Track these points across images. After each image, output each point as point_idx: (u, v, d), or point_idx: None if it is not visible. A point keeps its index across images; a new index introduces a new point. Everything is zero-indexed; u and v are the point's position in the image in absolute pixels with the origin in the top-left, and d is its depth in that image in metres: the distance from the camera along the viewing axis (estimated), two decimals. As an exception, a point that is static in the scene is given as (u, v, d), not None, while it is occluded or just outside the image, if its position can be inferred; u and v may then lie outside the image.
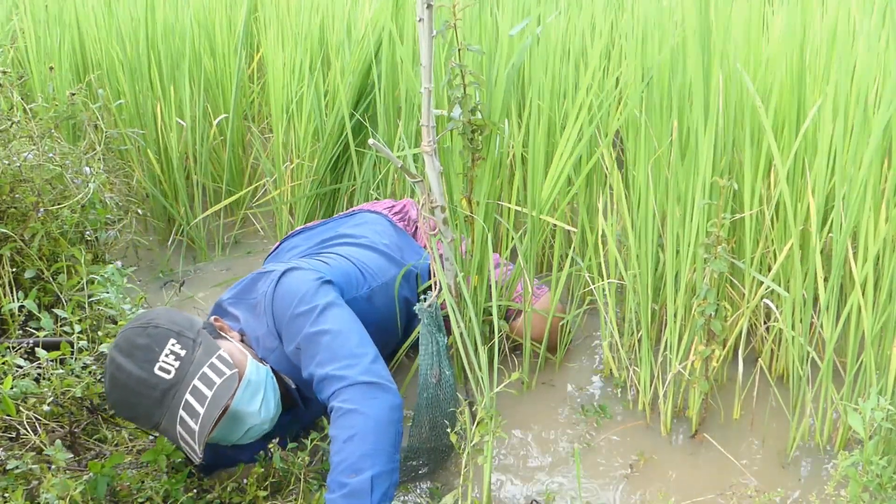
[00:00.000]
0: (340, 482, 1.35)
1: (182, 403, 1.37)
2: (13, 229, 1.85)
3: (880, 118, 1.48)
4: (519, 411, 1.86)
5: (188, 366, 1.39)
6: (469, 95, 1.63)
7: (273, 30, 2.58)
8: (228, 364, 1.42)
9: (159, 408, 1.38)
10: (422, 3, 1.46)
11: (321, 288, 1.56)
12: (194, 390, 1.37)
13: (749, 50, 1.72)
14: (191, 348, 1.41)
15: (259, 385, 1.49)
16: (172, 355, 1.39)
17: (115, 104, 2.66)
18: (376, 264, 1.80)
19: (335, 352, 1.47)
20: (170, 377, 1.37)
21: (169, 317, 1.45)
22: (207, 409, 1.36)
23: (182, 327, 1.43)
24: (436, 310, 1.59)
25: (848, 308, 1.58)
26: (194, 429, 1.36)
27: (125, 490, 1.47)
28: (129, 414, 1.42)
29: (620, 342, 1.89)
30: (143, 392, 1.37)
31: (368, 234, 1.91)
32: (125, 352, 1.39)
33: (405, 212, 2.06)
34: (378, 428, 1.39)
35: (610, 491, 1.61)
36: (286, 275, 1.58)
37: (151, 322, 1.42)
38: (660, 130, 1.70)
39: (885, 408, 1.30)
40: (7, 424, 1.49)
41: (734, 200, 1.75)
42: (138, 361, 1.38)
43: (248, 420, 1.47)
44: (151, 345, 1.39)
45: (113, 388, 1.40)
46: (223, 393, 1.38)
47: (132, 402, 1.39)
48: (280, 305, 1.54)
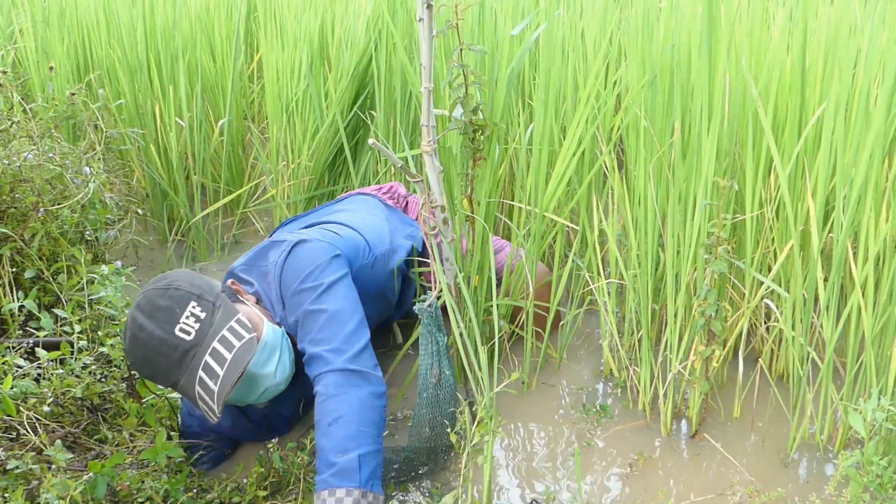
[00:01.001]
0: (329, 461, 1.39)
1: (202, 364, 1.40)
2: (13, 229, 1.85)
3: (880, 118, 1.48)
4: (519, 411, 1.86)
5: (208, 328, 1.42)
6: (471, 95, 1.63)
7: (270, 30, 2.58)
8: (247, 327, 1.45)
9: (178, 367, 1.41)
10: (422, 3, 1.45)
11: (331, 264, 1.59)
12: (214, 352, 1.41)
13: (752, 50, 1.72)
14: (210, 311, 1.44)
15: (275, 347, 1.53)
16: (193, 317, 1.42)
17: (115, 104, 2.66)
18: (376, 233, 1.83)
19: (329, 333, 1.50)
20: (190, 338, 1.41)
21: (189, 279, 1.48)
22: (227, 372, 1.40)
23: (202, 290, 1.47)
24: (436, 310, 1.59)
25: (848, 308, 1.58)
26: (214, 389, 1.40)
27: (125, 490, 1.47)
28: (149, 372, 1.45)
29: (620, 342, 1.89)
30: (163, 352, 1.41)
31: (360, 207, 1.96)
32: (146, 312, 1.42)
33: (393, 191, 2.10)
34: (361, 412, 1.43)
35: (610, 491, 1.61)
36: (298, 246, 1.60)
37: (172, 284, 1.45)
38: (661, 130, 1.70)
39: (886, 408, 1.30)
40: (7, 424, 1.49)
41: (735, 201, 1.75)
42: (160, 322, 1.41)
43: (264, 381, 1.52)
44: (172, 306, 1.42)
45: (134, 346, 1.43)
46: (242, 356, 1.42)
47: (153, 361, 1.42)
48: (288, 277, 1.57)
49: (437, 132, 1.61)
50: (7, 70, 2.25)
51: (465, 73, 1.61)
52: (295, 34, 2.57)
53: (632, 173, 1.81)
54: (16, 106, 2.14)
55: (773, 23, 1.85)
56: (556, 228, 1.93)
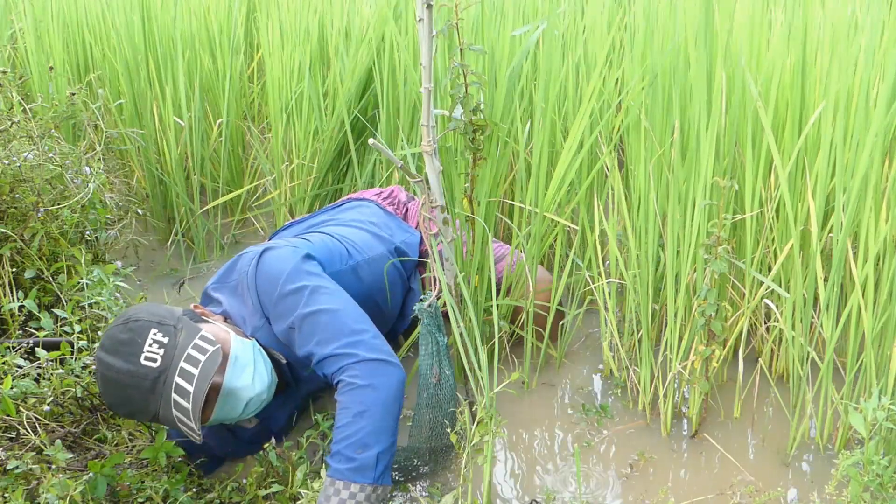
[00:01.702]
0: (348, 456, 1.40)
1: (173, 387, 1.40)
2: (13, 229, 1.85)
3: (880, 117, 1.48)
4: (519, 411, 1.86)
5: (172, 351, 1.42)
6: (471, 95, 1.63)
7: (271, 29, 2.57)
8: (210, 341, 1.45)
9: (152, 395, 1.40)
10: (422, 3, 1.45)
11: (303, 264, 1.59)
12: (182, 372, 1.40)
13: (752, 50, 1.72)
14: (172, 334, 1.44)
15: (247, 359, 1.52)
16: (156, 344, 1.42)
17: (115, 104, 2.66)
18: (362, 240, 1.82)
19: (336, 330, 1.50)
20: (157, 365, 1.40)
21: (148, 309, 1.48)
22: (196, 386, 1.39)
23: (161, 317, 1.46)
24: (436, 310, 1.59)
25: (848, 308, 1.58)
26: (188, 407, 1.39)
27: (125, 490, 1.47)
28: (127, 410, 1.45)
29: (620, 342, 1.89)
30: (134, 384, 1.40)
31: (356, 216, 1.94)
32: (110, 350, 1.42)
33: (393, 196, 2.08)
34: (386, 405, 1.44)
35: (610, 491, 1.61)
36: (266, 253, 1.60)
37: (132, 317, 1.45)
38: (661, 130, 1.70)
39: (887, 407, 1.30)
40: (7, 424, 1.49)
41: (735, 201, 1.75)
42: (124, 356, 1.41)
43: (244, 394, 1.50)
44: (134, 338, 1.42)
45: (106, 387, 1.43)
46: (209, 368, 1.41)
47: (126, 397, 1.42)
48: (264, 284, 1.56)
49: (438, 132, 1.61)
50: (7, 70, 2.25)
51: (465, 72, 1.60)
52: (294, 33, 2.56)
53: (632, 173, 1.81)
54: (16, 106, 2.14)
55: (773, 22, 1.85)
56: (557, 229, 1.93)
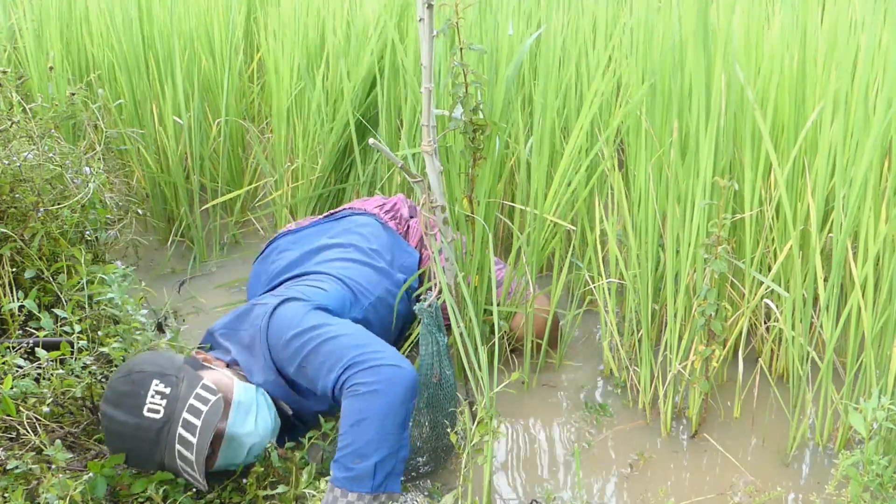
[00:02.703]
0: (346, 465, 1.40)
1: (177, 438, 1.41)
2: (13, 229, 1.85)
3: (879, 118, 1.48)
4: (519, 411, 1.86)
5: (175, 402, 1.43)
6: (471, 94, 1.63)
7: (273, 30, 2.57)
8: (212, 391, 1.46)
9: (157, 446, 1.42)
10: (422, 3, 1.45)
11: (312, 313, 1.59)
12: (185, 423, 1.42)
13: (749, 50, 1.72)
14: (174, 385, 1.45)
15: (250, 404, 1.52)
16: (158, 395, 1.43)
17: (115, 104, 2.65)
18: (367, 280, 1.80)
19: (342, 352, 1.49)
20: (160, 416, 1.42)
21: (150, 359, 1.49)
22: (199, 438, 1.41)
23: (163, 367, 1.47)
24: (436, 310, 1.59)
25: (848, 308, 1.58)
26: (191, 459, 1.41)
27: (125, 490, 1.47)
28: (134, 461, 1.46)
29: (620, 342, 1.89)
30: (138, 436, 1.42)
31: (356, 241, 1.90)
32: (113, 402, 1.44)
33: (396, 210, 2.05)
34: (389, 411, 1.42)
35: (610, 491, 1.61)
36: (280, 306, 1.60)
37: (133, 369, 1.46)
38: (661, 130, 1.70)
39: (887, 407, 1.30)
40: (7, 424, 1.49)
41: (735, 200, 1.75)
42: (127, 408, 1.42)
43: (247, 440, 1.51)
44: (136, 390, 1.43)
45: (111, 439, 1.45)
46: (211, 419, 1.42)
47: (132, 449, 1.43)
48: (274, 335, 1.57)
49: (438, 132, 1.61)
50: (7, 70, 2.25)
51: (465, 72, 1.60)
52: (294, 33, 2.56)
53: (632, 173, 1.81)
54: (15, 106, 2.14)
55: (773, 21, 1.85)
56: (558, 236, 1.92)
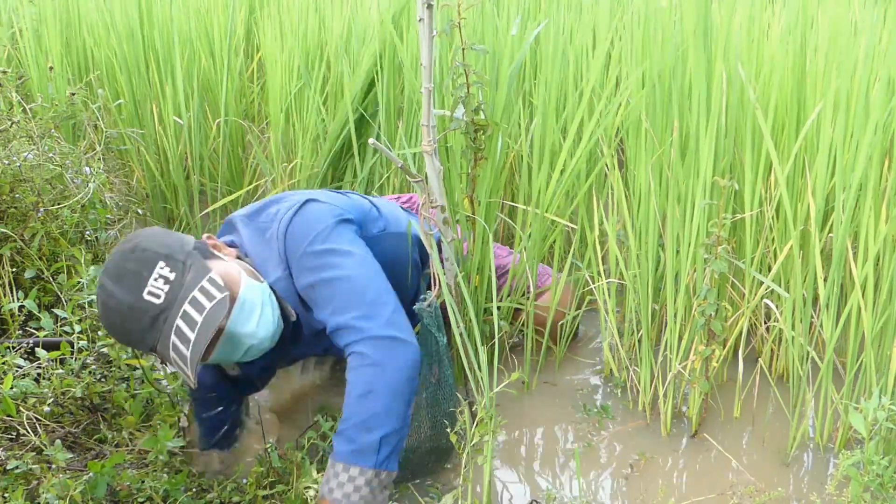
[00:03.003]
0: (350, 437, 1.36)
1: (174, 329, 1.33)
2: (13, 229, 1.85)
3: (879, 118, 1.48)
4: (519, 411, 1.86)
5: (178, 289, 1.34)
6: (472, 95, 1.63)
7: (271, 30, 2.57)
8: (219, 287, 1.37)
9: (151, 332, 1.34)
10: (422, 3, 1.45)
11: (339, 227, 1.51)
12: (185, 315, 1.33)
13: (750, 49, 1.72)
14: (180, 271, 1.36)
15: (254, 304, 1.44)
16: (161, 279, 1.34)
17: (115, 104, 2.66)
18: (391, 212, 1.75)
19: (353, 299, 1.43)
20: (159, 301, 1.33)
21: (158, 238, 1.40)
22: (198, 336, 1.32)
23: (171, 249, 1.38)
24: (436, 309, 1.59)
25: (848, 308, 1.58)
26: (186, 355, 1.32)
27: (125, 490, 1.47)
28: (124, 339, 1.39)
29: (620, 342, 1.89)
30: (134, 317, 1.33)
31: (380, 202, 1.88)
32: (114, 277, 1.35)
33: (412, 200, 2.05)
34: (394, 387, 1.38)
35: (610, 491, 1.61)
36: (306, 206, 1.52)
37: (140, 245, 1.37)
38: (661, 130, 1.70)
39: (887, 407, 1.30)
40: (7, 424, 1.49)
41: (735, 200, 1.75)
42: (127, 286, 1.33)
43: (246, 340, 1.43)
44: (140, 269, 1.34)
45: (105, 313, 1.37)
46: (213, 318, 1.33)
47: (125, 328, 1.36)
48: (294, 237, 1.49)
49: (438, 132, 1.61)
50: (7, 70, 2.25)
51: (467, 72, 1.60)
52: (294, 33, 2.56)
53: (632, 173, 1.81)
54: (15, 106, 2.14)
55: (773, 21, 1.85)
56: (557, 231, 1.92)
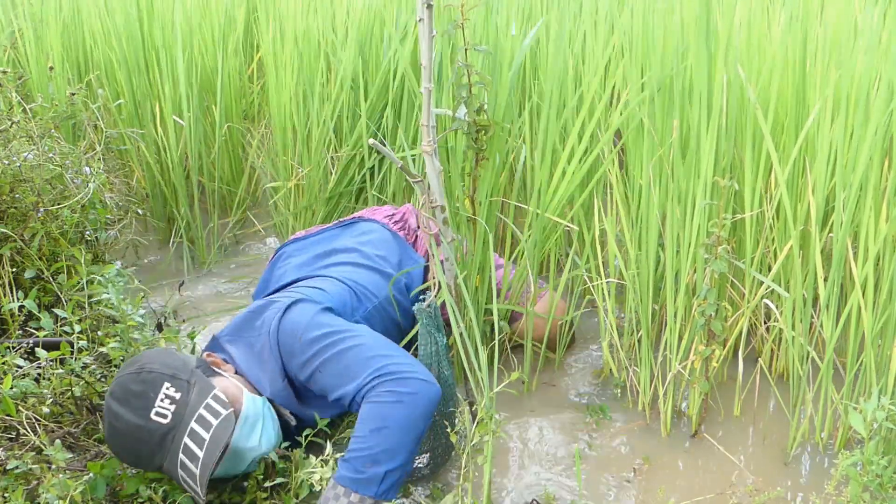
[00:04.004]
0: (357, 468, 1.40)
1: (181, 447, 1.38)
2: (13, 229, 1.85)
3: (878, 117, 1.48)
4: (519, 411, 1.86)
5: (184, 409, 1.40)
6: (474, 95, 1.63)
7: (272, 30, 2.57)
8: (224, 403, 1.43)
9: (160, 452, 1.40)
10: (422, 3, 1.45)
11: (325, 313, 1.57)
12: (192, 433, 1.39)
13: (751, 50, 1.72)
14: (185, 390, 1.42)
15: (257, 418, 1.50)
16: (168, 399, 1.40)
17: (115, 104, 2.66)
18: (371, 283, 1.79)
19: (366, 361, 1.48)
20: (167, 421, 1.39)
21: (161, 360, 1.46)
22: (206, 453, 1.38)
23: (175, 369, 1.44)
24: (435, 310, 1.59)
25: (848, 308, 1.58)
26: (195, 472, 1.38)
27: (125, 490, 1.47)
28: (132, 459, 1.44)
29: (620, 342, 1.89)
30: (142, 438, 1.39)
31: (364, 248, 1.89)
32: (121, 399, 1.41)
33: (405, 220, 2.04)
34: (408, 423, 1.42)
35: (610, 491, 1.61)
36: (289, 309, 1.58)
37: (145, 367, 1.43)
38: (661, 130, 1.70)
39: (887, 407, 1.30)
40: (7, 424, 1.49)
41: (735, 200, 1.75)
42: (134, 408, 1.39)
43: (250, 454, 1.49)
44: (146, 391, 1.40)
45: (113, 436, 1.42)
46: (221, 435, 1.39)
47: (133, 449, 1.41)
48: (286, 336, 1.54)
49: (438, 132, 1.61)
50: (7, 70, 2.25)
51: (469, 72, 1.60)
52: (295, 35, 2.56)
53: (632, 173, 1.81)
54: (15, 106, 2.14)
55: (774, 21, 1.85)
56: (559, 233, 1.92)
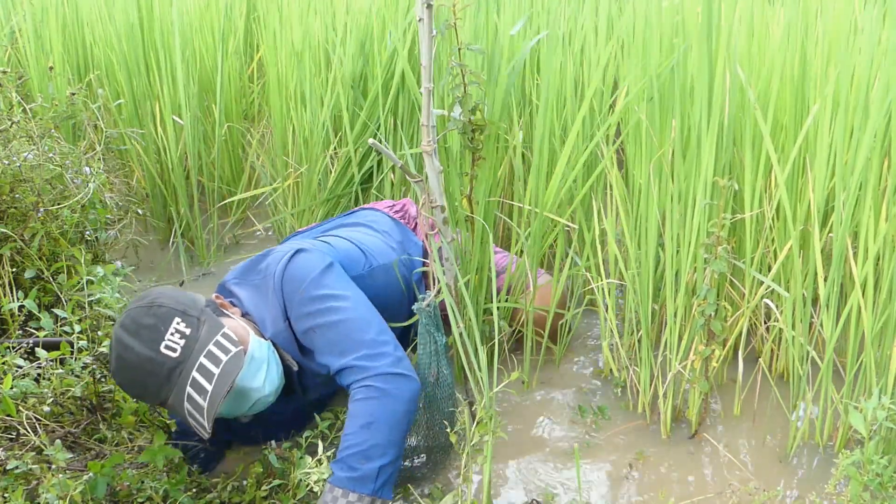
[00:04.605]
0: (350, 465, 1.41)
1: (189, 381, 1.40)
2: (13, 229, 1.85)
3: (878, 117, 1.48)
4: (519, 411, 1.86)
5: (193, 343, 1.42)
6: (469, 95, 1.63)
7: (272, 30, 2.57)
8: (233, 341, 1.45)
9: (167, 385, 1.41)
10: (422, 3, 1.45)
11: (330, 270, 1.59)
12: (201, 368, 1.41)
13: (751, 49, 1.72)
14: (195, 326, 1.44)
15: (262, 360, 1.52)
16: (178, 334, 1.42)
17: (115, 104, 2.66)
18: (376, 246, 1.82)
19: (356, 341, 1.50)
20: (176, 355, 1.41)
21: (173, 296, 1.48)
22: (216, 386, 1.40)
23: (186, 306, 1.46)
24: (434, 309, 1.59)
25: (848, 308, 1.58)
26: (203, 405, 1.40)
27: (125, 490, 1.47)
28: (137, 392, 1.46)
29: (620, 342, 1.89)
30: (150, 370, 1.41)
31: (368, 220, 1.95)
32: (131, 331, 1.42)
33: (405, 210, 2.08)
34: (396, 419, 1.45)
35: (610, 491, 1.61)
36: (296, 256, 1.59)
37: (156, 301, 1.45)
38: (661, 130, 1.70)
39: (887, 407, 1.30)
40: (7, 424, 1.49)
41: (734, 200, 1.75)
42: (144, 340, 1.41)
43: (254, 395, 1.51)
44: (157, 324, 1.42)
45: (120, 367, 1.43)
46: (231, 370, 1.41)
47: (140, 381, 1.43)
48: (290, 284, 1.56)
49: (438, 132, 1.61)
50: (7, 70, 2.25)
51: (464, 72, 1.60)
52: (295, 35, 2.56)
53: (632, 172, 1.81)
54: (15, 106, 2.14)
55: (774, 20, 1.85)
56: (557, 230, 1.92)
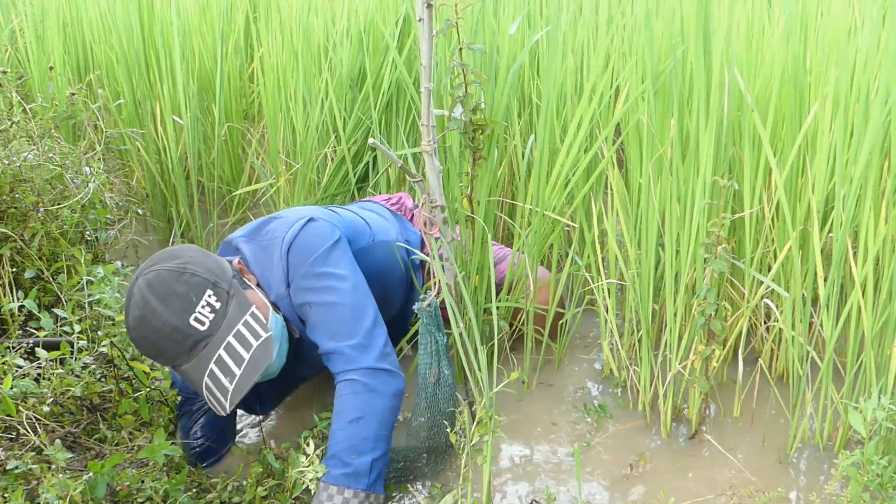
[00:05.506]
0: (343, 460, 1.42)
1: (214, 357, 1.39)
2: (13, 229, 1.85)
3: (877, 116, 1.48)
4: (519, 411, 1.86)
5: (221, 319, 1.41)
6: (470, 94, 1.63)
7: (271, 30, 2.57)
8: (262, 324, 1.44)
9: (187, 355, 1.40)
10: (422, 2, 1.45)
11: (339, 248, 1.59)
12: (229, 347, 1.40)
13: (750, 49, 1.72)
14: (225, 301, 1.43)
15: (277, 337, 1.52)
16: (208, 307, 1.40)
17: (115, 104, 2.66)
18: (379, 223, 1.84)
19: (349, 327, 1.51)
20: (204, 329, 1.39)
21: (203, 263, 1.45)
22: (244, 372, 1.39)
23: (217, 276, 1.44)
24: (435, 309, 1.59)
25: (848, 308, 1.58)
26: (228, 388, 1.39)
27: (125, 490, 1.47)
28: (151, 352, 1.43)
29: (620, 342, 1.89)
30: (174, 339, 1.39)
31: (368, 210, 1.96)
32: (159, 295, 1.39)
33: (401, 202, 2.11)
34: (383, 414, 1.47)
35: (610, 491, 1.61)
36: (307, 225, 1.59)
37: (188, 268, 1.42)
38: (661, 130, 1.70)
39: (887, 407, 1.30)
40: (7, 424, 1.49)
41: (734, 200, 1.75)
42: (174, 309, 1.38)
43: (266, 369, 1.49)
44: (188, 293, 1.40)
45: (140, 326, 1.40)
46: (261, 357, 1.41)
47: (159, 345, 1.40)
48: (297, 255, 1.55)
49: (438, 132, 1.61)
50: (7, 70, 2.25)
51: (465, 72, 1.60)
52: (295, 34, 2.56)
53: (632, 172, 1.81)
54: (15, 106, 2.14)
55: (773, 19, 1.85)
56: (558, 230, 1.92)
